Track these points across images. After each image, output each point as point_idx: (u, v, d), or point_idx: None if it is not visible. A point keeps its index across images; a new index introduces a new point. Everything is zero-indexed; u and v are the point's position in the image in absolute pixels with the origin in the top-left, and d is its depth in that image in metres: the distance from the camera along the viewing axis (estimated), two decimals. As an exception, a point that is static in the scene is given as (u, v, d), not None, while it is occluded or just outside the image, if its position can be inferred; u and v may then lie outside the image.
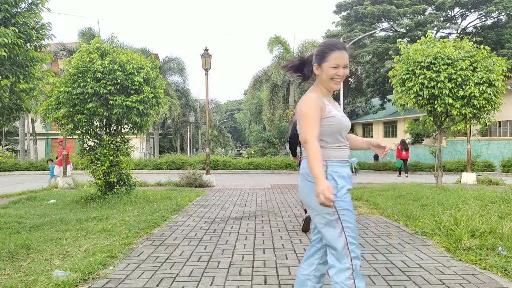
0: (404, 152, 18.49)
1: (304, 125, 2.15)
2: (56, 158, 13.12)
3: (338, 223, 2.18)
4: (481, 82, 8.37)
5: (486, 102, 8.50)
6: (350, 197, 2.26)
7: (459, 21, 33.50)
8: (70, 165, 12.75)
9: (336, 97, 34.24)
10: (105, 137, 8.31)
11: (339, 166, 2.28)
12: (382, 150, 2.37)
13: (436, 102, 8.54)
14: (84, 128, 8.28)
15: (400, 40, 9.87)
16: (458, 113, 8.61)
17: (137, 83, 7.92)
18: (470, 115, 8.60)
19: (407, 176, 18.08)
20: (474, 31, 32.14)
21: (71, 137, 8.89)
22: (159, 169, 21.43)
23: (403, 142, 19.02)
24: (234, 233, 5.27)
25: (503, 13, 29.64)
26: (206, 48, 12.71)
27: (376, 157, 31.17)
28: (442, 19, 32.29)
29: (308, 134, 2.10)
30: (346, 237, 2.17)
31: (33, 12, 5.65)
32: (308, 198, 2.23)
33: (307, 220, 5.23)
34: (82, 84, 7.67)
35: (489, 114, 9.04)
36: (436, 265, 3.74)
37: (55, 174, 12.92)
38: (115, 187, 8.49)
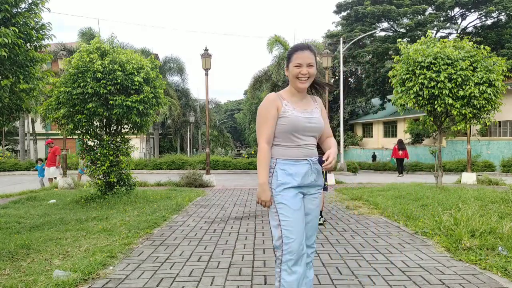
0: (400, 152, 18.42)
1: (257, 124, 2.39)
2: (46, 159, 12.92)
3: (276, 216, 2.35)
4: (481, 82, 8.37)
5: (486, 102, 8.50)
6: (293, 194, 2.35)
7: (459, 21, 33.50)
8: (58, 167, 12.54)
9: (336, 97, 34.26)
10: (105, 137, 8.31)
11: (289, 164, 2.37)
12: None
13: (436, 102, 8.54)
14: (84, 128, 8.28)
15: (400, 40, 9.87)
16: (458, 113, 8.61)
17: (137, 83, 7.92)
18: (470, 115, 8.60)
19: (401, 176, 18.19)
20: (474, 31, 32.15)
21: (71, 137, 8.88)
22: (159, 169, 21.43)
23: (400, 142, 18.97)
24: (234, 233, 5.27)
25: (503, 13, 29.63)
26: (206, 48, 12.71)
27: (374, 157, 31.36)
28: (442, 19, 32.30)
29: (258, 134, 2.37)
30: (281, 230, 2.33)
31: (33, 12, 5.65)
32: None
33: None
34: (82, 84, 7.67)
35: (489, 114, 9.04)
36: (436, 265, 3.74)
37: (46, 176, 12.70)
38: (115, 187, 8.49)
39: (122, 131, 8.68)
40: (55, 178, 12.46)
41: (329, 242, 4.69)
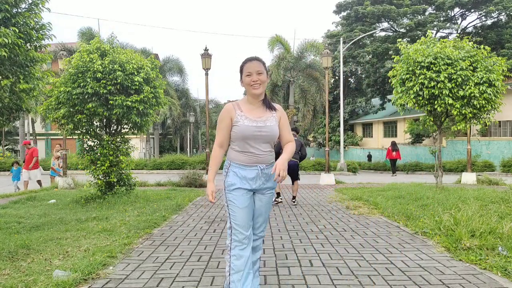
0: (394, 153, 19.57)
1: (216, 130, 2.74)
2: (24, 162, 12.15)
3: (227, 209, 2.72)
4: (481, 82, 8.36)
5: (486, 102, 8.50)
6: (240, 193, 2.67)
7: (459, 21, 33.51)
8: (39, 169, 12.17)
9: (336, 97, 34.25)
10: (105, 137, 8.31)
11: (239, 168, 2.68)
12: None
13: (436, 102, 8.54)
14: (84, 128, 8.27)
15: (400, 40, 9.86)
16: (458, 113, 8.61)
17: (137, 83, 7.92)
18: (470, 115, 8.59)
19: (394, 175, 19.05)
20: (474, 31, 32.15)
21: (71, 137, 8.88)
22: (159, 169, 21.43)
23: (393, 144, 19.99)
24: (234, 233, 5.26)
25: (503, 13, 29.64)
26: (206, 48, 12.71)
27: (369, 157, 31.72)
28: (442, 19, 32.31)
29: (215, 138, 2.73)
30: (230, 222, 2.68)
31: (33, 12, 5.65)
32: None
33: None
34: (82, 84, 7.67)
35: (489, 114, 9.04)
36: (436, 265, 3.74)
37: (24, 179, 11.88)
38: (115, 187, 8.49)
39: (122, 131, 8.68)
40: (39, 181, 11.95)
41: (329, 242, 4.69)
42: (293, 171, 7.71)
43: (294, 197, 7.98)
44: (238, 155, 2.68)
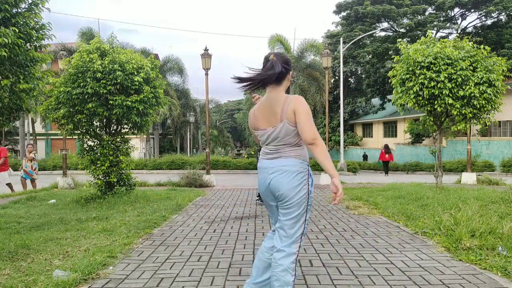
0: (387, 155, 21.05)
1: (309, 120, 2.41)
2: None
3: (306, 215, 2.54)
4: (481, 82, 8.37)
5: (486, 102, 8.50)
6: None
7: (459, 21, 33.51)
8: (8, 171, 11.15)
9: (336, 97, 34.25)
10: (105, 137, 8.31)
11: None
12: None
13: (436, 102, 8.54)
14: (84, 128, 8.27)
15: (400, 40, 9.86)
16: (458, 113, 8.61)
17: (137, 83, 7.92)
18: (470, 115, 8.59)
19: (387, 176, 20.08)
20: (474, 31, 32.15)
21: (71, 137, 8.88)
22: (159, 169, 21.43)
23: (386, 146, 21.53)
24: (234, 233, 5.27)
25: (503, 13, 29.64)
26: (206, 48, 12.71)
27: (365, 157, 31.98)
28: (442, 19, 32.31)
29: (314, 129, 2.41)
30: (304, 228, 2.54)
31: (33, 12, 5.64)
32: (290, 197, 2.50)
33: None
34: (82, 84, 7.67)
35: (489, 114, 9.04)
36: (436, 265, 3.74)
37: None
38: (115, 187, 8.49)
39: (122, 131, 8.68)
40: (9, 184, 10.84)
41: (329, 242, 4.69)
42: None
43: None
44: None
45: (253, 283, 2.68)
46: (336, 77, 34.74)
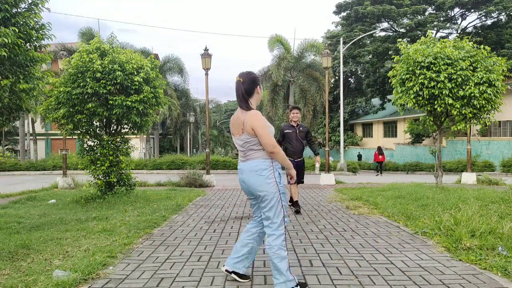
0: (380, 156, 22.86)
1: (267, 135, 2.92)
2: None
3: (281, 202, 3.03)
4: (481, 82, 8.36)
5: (486, 102, 8.49)
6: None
7: (459, 21, 33.52)
8: None
9: (336, 97, 34.26)
10: (105, 137, 8.31)
11: (279, 166, 3.12)
12: None
13: (436, 102, 8.54)
14: (84, 128, 8.27)
15: (400, 40, 9.86)
16: (458, 113, 8.61)
17: (137, 83, 7.92)
18: (470, 115, 8.59)
19: (379, 175, 21.75)
20: (474, 31, 32.16)
21: (71, 137, 8.88)
22: (159, 169, 21.43)
23: (379, 148, 23.52)
24: (234, 233, 5.27)
25: (503, 13, 29.64)
26: (206, 48, 12.70)
27: (359, 156, 32.30)
28: (442, 19, 32.31)
29: (270, 139, 2.94)
30: (284, 213, 3.04)
31: (33, 12, 5.64)
32: (263, 191, 3.01)
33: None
34: (81, 84, 7.67)
35: (489, 114, 9.04)
36: (436, 265, 3.74)
37: None
38: (115, 187, 8.49)
39: (122, 131, 8.68)
40: None
41: (329, 242, 4.69)
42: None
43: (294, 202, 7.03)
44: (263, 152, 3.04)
45: (231, 258, 3.32)
46: (336, 77, 34.76)
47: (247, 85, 3.04)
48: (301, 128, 6.92)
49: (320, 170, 13.25)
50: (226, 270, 3.34)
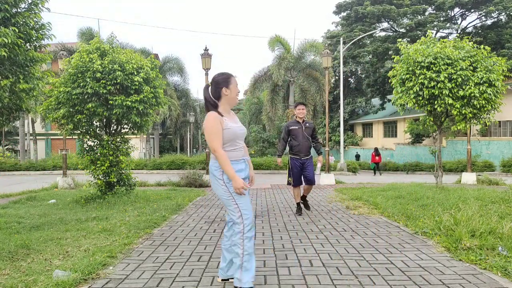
0: (377, 157, 23.47)
1: (209, 137, 3.02)
2: None
3: (233, 201, 3.06)
4: (481, 82, 8.36)
5: (486, 102, 8.49)
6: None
7: (459, 21, 33.52)
8: None
9: (336, 97, 34.24)
10: (105, 137, 8.31)
11: (233, 164, 3.08)
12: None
13: (436, 102, 8.54)
14: (84, 128, 8.27)
15: (400, 40, 9.86)
16: (458, 113, 8.61)
17: (137, 83, 7.91)
18: (470, 115, 8.59)
19: (379, 174, 22.42)
20: (474, 31, 32.16)
21: (71, 137, 8.88)
22: (159, 169, 21.42)
23: (376, 149, 23.94)
24: (234, 233, 5.26)
25: (503, 13, 29.65)
26: (206, 48, 12.71)
27: (357, 156, 32.34)
28: (442, 19, 32.31)
29: (214, 144, 3.00)
30: (239, 209, 3.06)
31: (33, 12, 5.64)
32: (217, 190, 3.14)
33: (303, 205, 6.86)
34: (81, 84, 7.67)
35: (489, 114, 9.04)
36: (436, 265, 3.74)
37: None
38: (115, 187, 8.49)
39: (122, 131, 8.68)
40: None
41: (329, 242, 4.69)
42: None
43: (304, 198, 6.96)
44: (230, 153, 3.10)
45: (221, 268, 3.35)
46: (336, 77, 34.76)
47: (213, 88, 3.18)
48: (307, 124, 6.58)
49: (320, 170, 13.25)
50: (222, 280, 3.36)
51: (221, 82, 3.16)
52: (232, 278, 3.26)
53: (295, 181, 6.58)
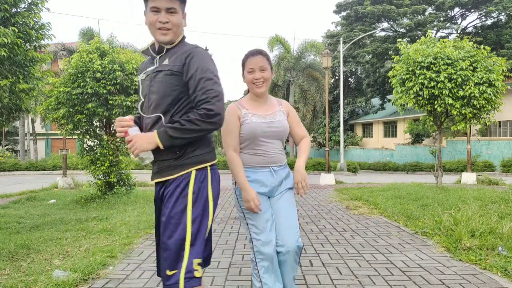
0: None
1: (222, 136, 2.42)
2: None
3: (244, 219, 2.45)
4: (481, 82, 8.36)
5: (486, 102, 8.49)
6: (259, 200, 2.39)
7: (459, 21, 33.52)
8: None
9: (336, 97, 34.25)
10: (105, 137, 8.31)
11: (251, 172, 2.43)
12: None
13: (436, 102, 8.54)
14: (83, 128, 8.28)
15: (400, 40, 9.86)
16: (458, 113, 8.61)
17: (137, 83, 7.91)
18: (470, 115, 8.59)
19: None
20: (474, 31, 32.15)
21: (71, 137, 8.88)
22: (159, 169, 21.37)
23: None
24: (234, 233, 5.27)
25: (503, 13, 29.64)
26: (206, 47, 12.71)
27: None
28: (442, 19, 32.30)
29: (225, 145, 2.41)
30: (250, 233, 2.41)
31: (32, 12, 5.65)
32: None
33: None
34: (81, 84, 7.67)
35: (489, 114, 9.04)
36: (436, 265, 3.74)
37: None
38: (115, 187, 8.49)
39: (122, 131, 8.66)
40: None
41: (329, 242, 4.69)
42: None
43: None
44: (248, 157, 2.43)
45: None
46: (336, 77, 34.77)
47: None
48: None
49: (320, 170, 13.24)
50: None
51: (241, 65, 2.51)
52: None
53: None
